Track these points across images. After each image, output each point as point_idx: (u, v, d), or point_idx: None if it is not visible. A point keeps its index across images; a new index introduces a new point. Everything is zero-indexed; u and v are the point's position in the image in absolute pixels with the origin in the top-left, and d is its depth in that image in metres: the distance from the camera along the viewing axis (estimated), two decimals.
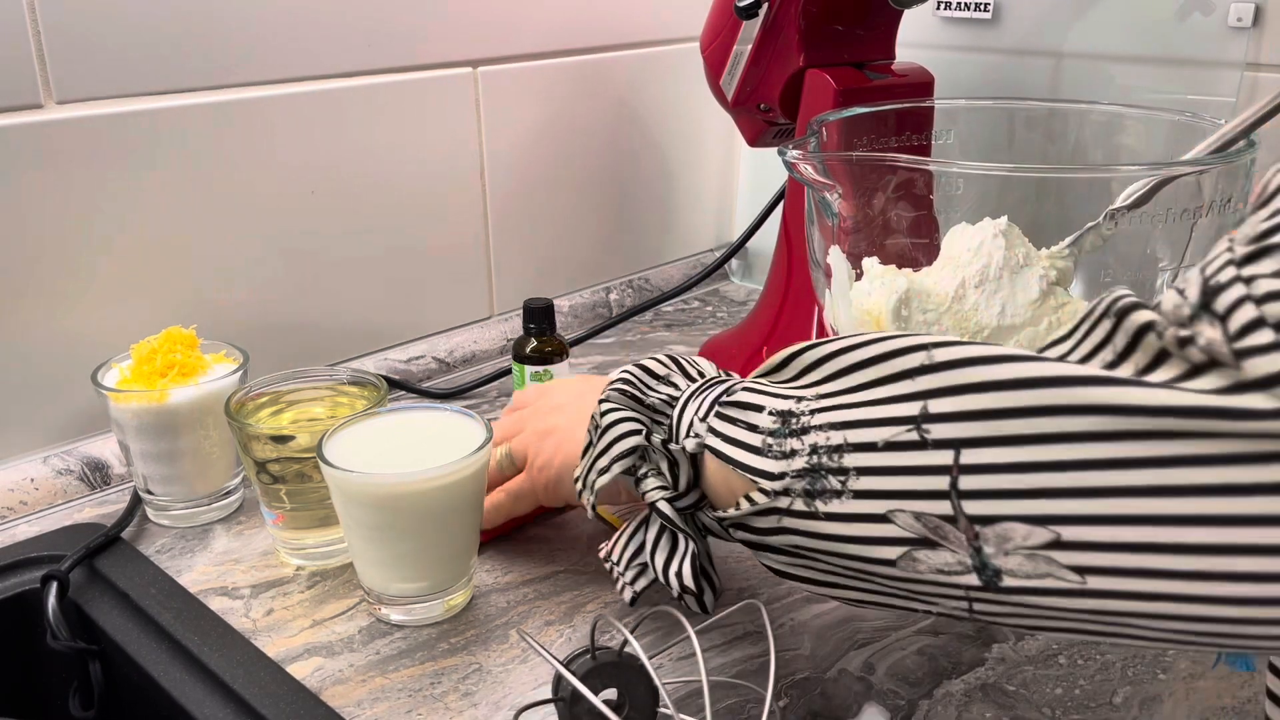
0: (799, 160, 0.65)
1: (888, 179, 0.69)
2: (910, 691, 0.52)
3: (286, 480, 0.61)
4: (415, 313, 0.90)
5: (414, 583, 0.57)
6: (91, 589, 0.61)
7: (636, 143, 1.05)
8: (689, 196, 1.13)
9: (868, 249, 0.71)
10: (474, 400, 0.86)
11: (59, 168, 0.67)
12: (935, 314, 0.64)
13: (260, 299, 0.80)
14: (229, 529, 0.68)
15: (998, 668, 0.54)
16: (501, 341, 0.95)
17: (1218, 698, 0.52)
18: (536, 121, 0.95)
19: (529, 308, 0.77)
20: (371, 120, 0.83)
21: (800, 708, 0.51)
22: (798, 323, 0.79)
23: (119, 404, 0.64)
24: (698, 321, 1.04)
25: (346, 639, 0.57)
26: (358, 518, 0.55)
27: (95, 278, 0.71)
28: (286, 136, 0.78)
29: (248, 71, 0.75)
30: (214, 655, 0.54)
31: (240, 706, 0.51)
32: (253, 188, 0.77)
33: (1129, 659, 0.54)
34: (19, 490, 0.68)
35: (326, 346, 0.85)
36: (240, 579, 0.62)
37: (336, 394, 0.67)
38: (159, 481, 0.66)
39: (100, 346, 0.70)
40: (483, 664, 0.55)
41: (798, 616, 0.58)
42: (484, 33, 0.88)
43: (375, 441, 0.58)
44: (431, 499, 0.54)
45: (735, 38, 0.78)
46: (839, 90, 0.73)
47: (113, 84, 0.69)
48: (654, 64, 1.04)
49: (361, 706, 0.51)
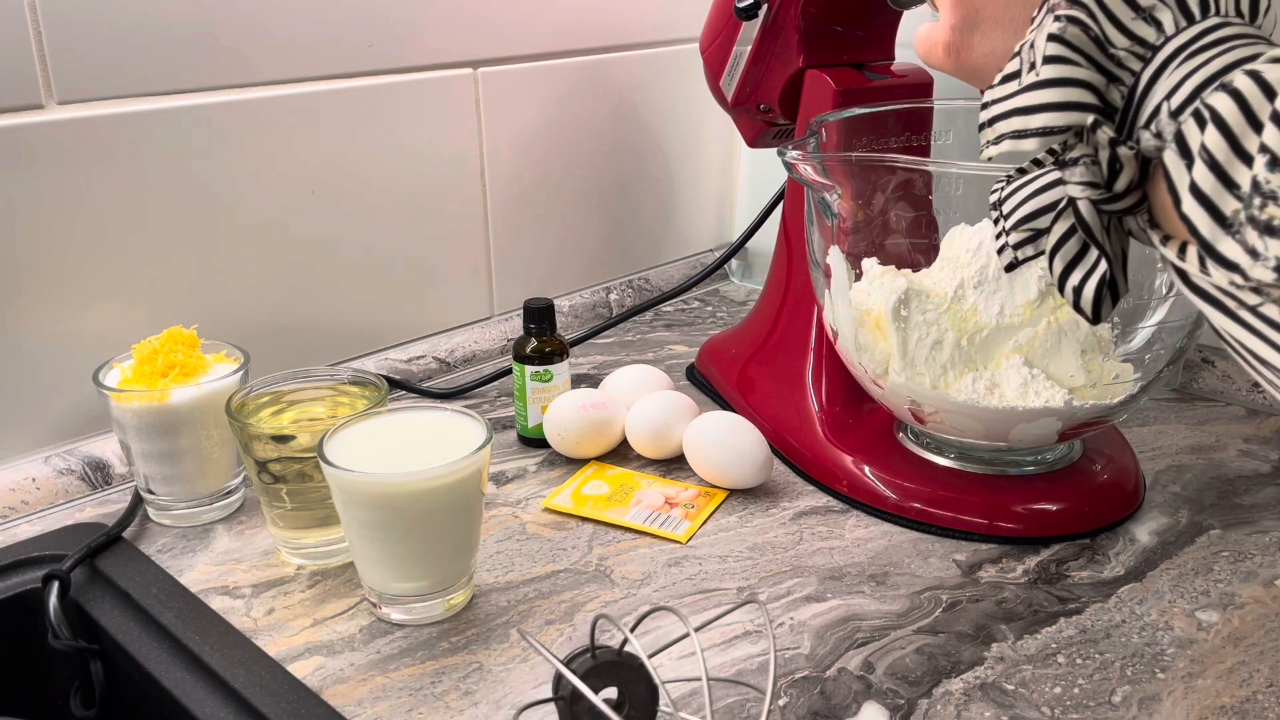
0: (799, 160, 0.65)
1: (887, 179, 0.69)
2: (909, 690, 0.52)
3: (287, 480, 0.61)
4: (416, 313, 0.91)
5: (414, 582, 0.57)
6: (93, 588, 0.61)
7: (636, 143, 1.05)
8: (689, 196, 1.13)
9: (867, 249, 0.71)
10: (474, 400, 0.86)
11: (59, 168, 0.68)
12: (935, 314, 0.64)
13: (261, 299, 0.80)
14: (230, 528, 0.68)
15: (997, 667, 0.54)
16: (502, 341, 0.95)
17: (1217, 697, 0.52)
18: (537, 122, 0.95)
19: (529, 308, 0.77)
20: (372, 120, 0.83)
21: (800, 707, 0.51)
22: (798, 323, 0.79)
23: (120, 404, 0.64)
24: (698, 321, 1.04)
25: (347, 638, 0.57)
26: (358, 517, 0.55)
27: (96, 278, 0.71)
28: (287, 136, 0.78)
29: (248, 72, 0.75)
30: (215, 654, 0.54)
31: (241, 705, 0.51)
32: (253, 188, 0.77)
33: (1128, 658, 0.55)
34: (20, 490, 0.69)
35: (327, 346, 0.85)
36: (241, 578, 0.62)
37: (337, 394, 0.67)
38: (160, 481, 0.67)
39: (101, 346, 0.70)
40: (483, 663, 0.55)
41: (798, 616, 0.58)
42: (484, 33, 0.89)
43: (376, 441, 0.58)
44: (432, 499, 0.55)
45: (735, 38, 0.78)
46: (839, 91, 0.73)
47: (113, 84, 0.69)
48: (654, 65, 1.04)
49: (362, 705, 0.52)
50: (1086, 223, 0.37)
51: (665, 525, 0.67)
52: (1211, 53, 0.33)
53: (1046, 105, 0.36)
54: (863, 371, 0.68)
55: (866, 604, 0.59)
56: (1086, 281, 0.38)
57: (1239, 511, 0.68)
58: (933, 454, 0.71)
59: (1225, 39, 0.33)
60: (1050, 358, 0.64)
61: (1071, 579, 0.61)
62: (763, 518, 0.68)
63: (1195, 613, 0.58)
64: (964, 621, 0.58)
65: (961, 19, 0.42)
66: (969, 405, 0.63)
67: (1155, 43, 0.35)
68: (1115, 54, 0.35)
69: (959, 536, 0.66)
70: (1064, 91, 0.36)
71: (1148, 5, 0.35)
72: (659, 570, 0.63)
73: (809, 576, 0.62)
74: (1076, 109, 0.36)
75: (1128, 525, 0.67)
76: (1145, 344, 0.66)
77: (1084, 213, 0.36)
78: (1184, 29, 0.34)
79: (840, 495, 0.70)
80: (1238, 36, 0.33)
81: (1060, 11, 0.36)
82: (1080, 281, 0.38)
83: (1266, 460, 0.75)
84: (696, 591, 0.61)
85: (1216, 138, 0.31)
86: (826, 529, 0.67)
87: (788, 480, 0.73)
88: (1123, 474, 0.70)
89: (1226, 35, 0.33)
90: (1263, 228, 0.30)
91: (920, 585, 0.61)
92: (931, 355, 0.64)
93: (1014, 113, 0.37)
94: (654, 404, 0.74)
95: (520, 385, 0.77)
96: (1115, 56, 0.35)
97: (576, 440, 0.74)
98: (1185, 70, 0.33)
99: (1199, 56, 0.33)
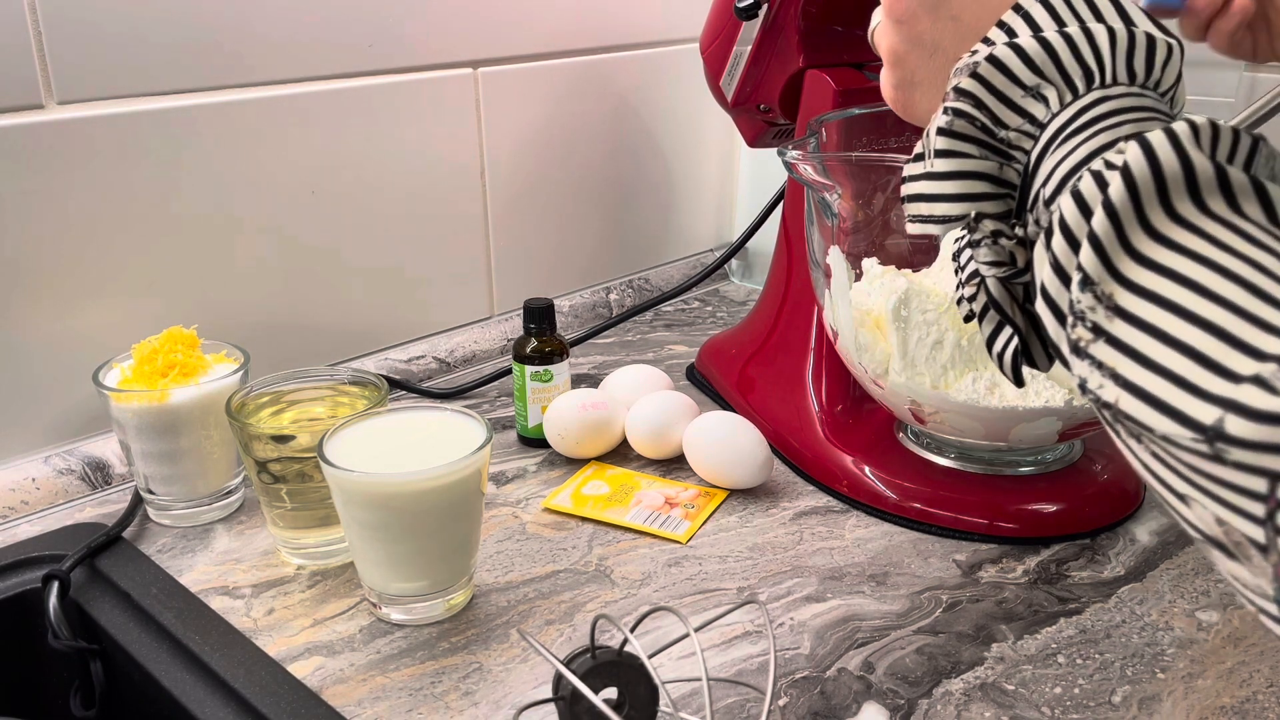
0: (799, 160, 0.65)
1: (887, 179, 0.69)
2: (909, 691, 0.52)
3: (287, 480, 0.61)
4: (416, 313, 0.91)
5: (414, 582, 0.57)
6: (93, 588, 0.61)
7: (636, 143, 1.05)
8: (689, 196, 1.13)
9: (868, 249, 0.71)
10: (474, 400, 0.86)
11: (59, 168, 0.67)
12: (935, 314, 0.64)
13: (261, 299, 0.80)
14: (230, 528, 0.68)
15: (997, 667, 0.54)
16: (501, 341, 0.95)
17: (1217, 697, 0.52)
18: (537, 122, 0.95)
19: (529, 308, 0.77)
20: (372, 120, 0.83)
21: (800, 707, 0.51)
22: (798, 323, 0.79)
23: (120, 404, 0.64)
24: (698, 321, 1.04)
25: (347, 638, 0.57)
26: (358, 517, 0.55)
27: (96, 277, 0.71)
28: (287, 136, 0.78)
29: (248, 72, 0.75)
30: (215, 655, 0.54)
31: (241, 705, 0.51)
32: (254, 188, 0.77)
33: (1128, 658, 0.55)
34: (20, 490, 0.69)
35: (327, 346, 0.85)
36: (241, 578, 0.62)
37: (337, 394, 0.67)
38: (160, 481, 0.67)
39: (101, 346, 0.70)
40: (483, 663, 0.55)
41: (798, 616, 0.58)
42: (484, 33, 0.89)
43: (375, 441, 0.58)
44: (431, 499, 0.55)
45: (735, 38, 0.78)
46: (839, 90, 0.73)
47: (113, 84, 0.69)
48: (654, 65, 1.04)
49: (362, 705, 0.52)
50: (994, 298, 0.38)
51: (665, 525, 0.67)
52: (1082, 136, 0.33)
53: (942, 196, 0.38)
54: (863, 371, 0.68)
55: (866, 604, 0.59)
56: (1005, 350, 0.39)
57: None
58: (933, 454, 0.71)
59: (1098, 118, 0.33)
60: None
61: (1072, 579, 0.61)
62: (763, 518, 0.68)
63: (1195, 613, 0.58)
64: (964, 622, 0.58)
65: (900, 79, 0.43)
66: (969, 405, 0.63)
67: (1044, 120, 0.35)
68: (1007, 136, 0.36)
69: (959, 536, 0.66)
70: (956, 184, 0.37)
71: (1033, 84, 0.35)
72: (659, 570, 0.63)
73: (809, 576, 0.62)
74: (968, 200, 0.37)
75: (1128, 525, 0.67)
76: None
77: (992, 289, 0.38)
78: (1068, 104, 0.34)
79: (840, 495, 0.70)
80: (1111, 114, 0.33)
81: (948, 104, 0.37)
82: (1001, 348, 0.39)
83: None
84: (696, 591, 0.61)
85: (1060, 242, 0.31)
86: (826, 529, 0.67)
87: (788, 480, 0.73)
88: (1123, 474, 0.70)
89: (1100, 114, 0.33)
90: (1071, 347, 0.31)
91: (920, 585, 0.61)
92: (932, 355, 0.64)
93: (918, 198, 0.39)
94: (654, 404, 0.74)
95: (520, 385, 0.77)
96: (1006, 139, 0.36)
97: (576, 440, 0.74)
98: (1059, 155, 0.33)
99: (1072, 140, 0.33)
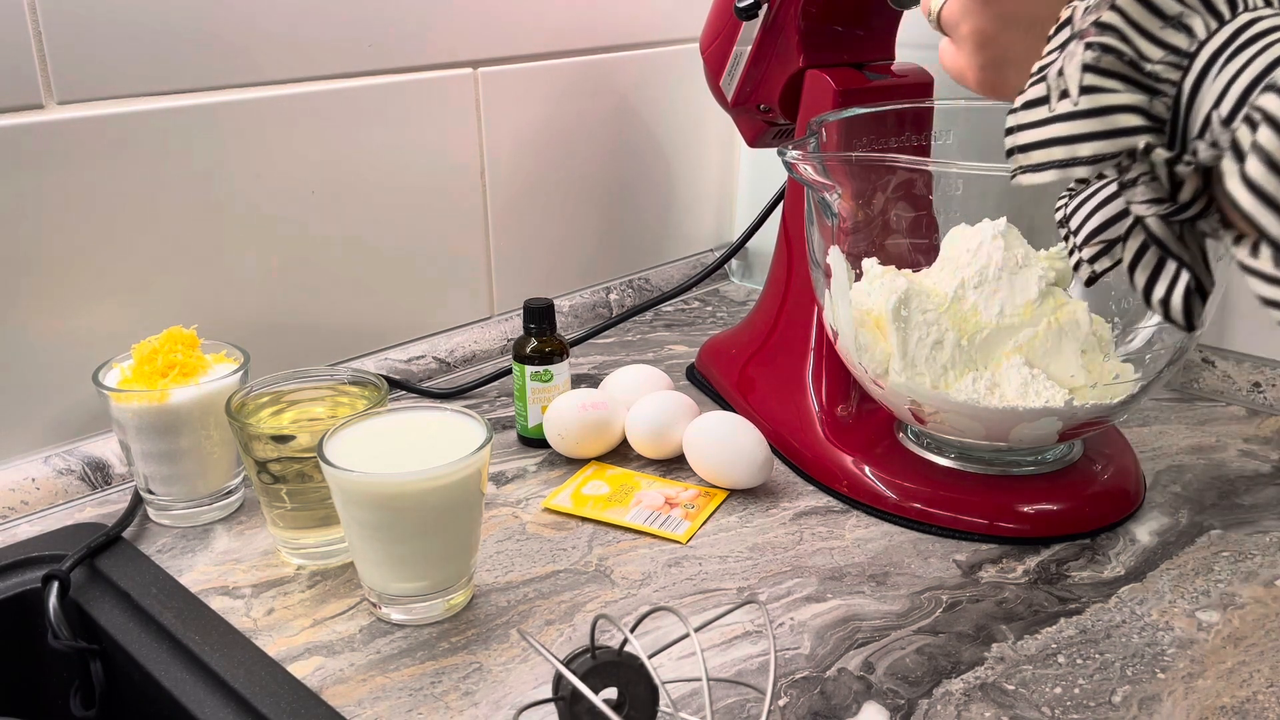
0: (799, 160, 0.65)
1: (887, 179, 0.69)
2: (909, 691, 0.52)
3: (287, 480, 0.61)
4: (416, 313, 0.91)
5: (414, 582, 0.57)
6: (92, 589, 0.61)
7: (636, 143, 1.05)
8: (689, 196, 1.13)
9: (867, 249, 0.71)
10: (474, 400, 0.86)
11: (59, 168, 0.67)
12: (935, 314, 0.64)
13: (261, 299, 0.80)
14: (230, 529, 0.68)
15: (997, 667, 0.54)
16: (501, 341, 0.95)
17: (1217, 697, 0.52)
18: (537, 122, 0.95)
19: (529, 308, 0.77)
20: (372, 120, 0.83)
21: (800, 707, 0.51)
22: (798, 323, 0.79)
23: (120, 404, 0.64)
24: (698, 321, 1.04)
25: (347, 638, 0.57)
26: (358, 517, 0.55)
27: (95, 278, 0.71)
28: (287, 136, 0.78)
29: (248, 72, 0.75)
30: (215, 655, 0.54)
31: (241, 706, 0.51)
32: (253, 187, 0.77)
33: (1128, 658, 0.55)
34: (20, 490, 0.69)
35: (327, 346, 0.85)
36: (241, 578, 0.62)
37: (337, 394, 0.67)
38: (160, 481, 0.67)
39: (101, 346, 0.70)
40: (483, 663, 0.55)
41: (798, 616, 0.58)
42: (484, 33, 0.89)
43: (375, 441, 0.58)
44: (431, 499, 0.55)
45: (735, 38, 0.78)
46: (839, 90, 0.73)
47: (113, 84, 0.69)
48: (654, 65, 1.04)
49: (362, 705, 0.52)
50: (1159, 237, 0.36)
51: (665, 525, 0.67)
52: (1250, 52, 0.32)
53: (1093, 134, 0.36)
54: (863, 371, 0.68)
55: (866, 604, 0.59)
56: (1172, 292, 0.37)
57: (1239, 511, 0.68)
58: (933, 454, 0.71)
59: (1261, 34, 0.32)
60: (1050, 358, 0.64)
61: (1072, 579, 0.61)
62: (763, 518, 0.68)
63: (1195, 613, 0.58)
64: (964, 622, 0.58)
65: (989, 59, 0.42)
66: (969, 405, 0.63)
67: (1189, 49, 0.34)
68: (1152, 69, 0.35)
69: (959, 536, 0.66)
70: (1108, 119, 0.36)
71: (1175, 13, 0.34)
72: (659, 570, 0.63)
73: (809, 577, 0.62)
74: (1126, 134, 0.35)
75: (1128, 525, 0.67)
76: (1145, 344, 0.66)
77: (1154, 228, 0.36)
78: (1216, 31, 0.34)
79: (840, 495, 0.70)
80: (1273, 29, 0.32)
81: (1091, 39, 0.36)
82: (1165, 293, 0.37)
83: (1267, 460, 0.75)
84: (696, 592, 0.61)
85: (1269, 135, 0.30)
86: (826, 529, 0.67)
87: (788, 480, 0.73)
88: (1123, 474, 0.70)
89: (1262, 30, 0.33)
90: None
91: (920, 585, 0.61)
92: (932, 355, 0.64)
93: (1053, 142, 0.37)
94: (654, 404, 0.74)
95: (520, 385, 0.77)
96: (1152, 72, 0.35)
97: (576, 440, 0.74)
98: (1228, 75, 0.33)
99: (1238, 59, 0.32)
